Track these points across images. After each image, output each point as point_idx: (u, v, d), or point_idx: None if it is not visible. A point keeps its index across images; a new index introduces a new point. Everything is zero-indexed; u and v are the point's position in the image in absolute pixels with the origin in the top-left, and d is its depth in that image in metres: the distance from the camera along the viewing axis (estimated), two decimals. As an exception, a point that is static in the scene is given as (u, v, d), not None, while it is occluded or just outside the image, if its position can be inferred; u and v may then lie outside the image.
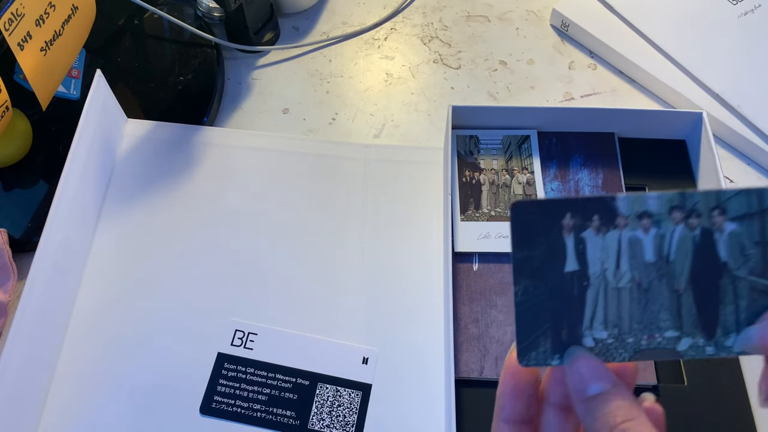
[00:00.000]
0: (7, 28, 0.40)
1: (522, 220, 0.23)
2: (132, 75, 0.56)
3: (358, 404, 0.42)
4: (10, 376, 0.38)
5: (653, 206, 0.23)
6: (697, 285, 0.24)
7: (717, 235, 0.23)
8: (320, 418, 0.42)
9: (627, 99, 0.56)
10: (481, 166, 0.49)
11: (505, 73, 0.58)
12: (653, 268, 0.24)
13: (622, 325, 0.24)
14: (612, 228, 0.23)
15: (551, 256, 0.23)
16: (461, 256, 0.45)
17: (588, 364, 0.24)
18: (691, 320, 0.24)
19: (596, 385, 0.23)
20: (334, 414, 0.42)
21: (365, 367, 0.43)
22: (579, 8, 0.58)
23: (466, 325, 0.43)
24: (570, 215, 0.23)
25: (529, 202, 0.23)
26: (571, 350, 0.24)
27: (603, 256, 0.23)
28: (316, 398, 0.42)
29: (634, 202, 0.23)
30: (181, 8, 0.58)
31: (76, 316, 0.45)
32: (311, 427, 0.42)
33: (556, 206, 0.23)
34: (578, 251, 0.23)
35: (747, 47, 0.55)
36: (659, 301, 0.24)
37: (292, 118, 0.55)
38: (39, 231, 0.41)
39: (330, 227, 0.48)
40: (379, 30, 0.61)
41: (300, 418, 0.42)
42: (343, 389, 0.43)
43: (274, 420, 0.42)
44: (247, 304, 0.46)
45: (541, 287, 0.24)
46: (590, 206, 0.23)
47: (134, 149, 0.51)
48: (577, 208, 0.23)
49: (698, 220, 0.23)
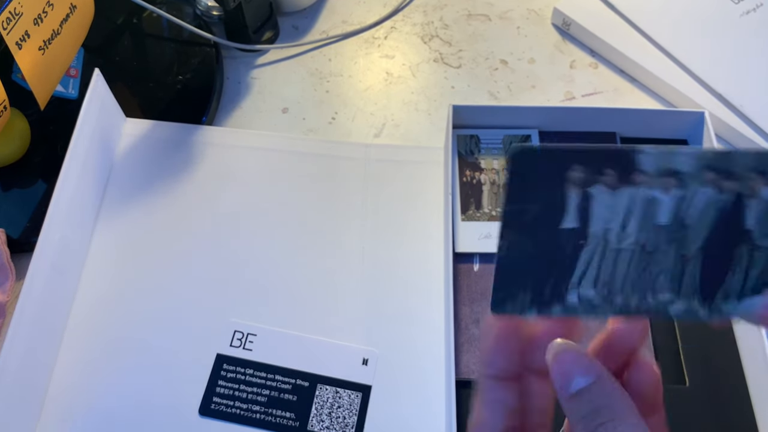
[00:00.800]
0: (5, 27, 0.40)
1: (522, 170, 0.20)
2: (130, 74, 0.55)
3: (357, 406, 0.42)
4: (9, 376, 0.38)
5: (684, 164, 0.20)
6: (709, 252, 0.21)
7: (748, 201, 0.21)
8: (320, 420, 0.42)
9: (628, 98, 0.56)
10: (482, 166, 0.49)
11: (506, 72, 0.57)
12: (664, 232, 0.21)
13: (614, 285, 0.22)
14: (627, 185, 0.20)
15: (548, 211, 0.21)
16: (462, 257, 0.45)
17: (570, 358, 0.23)
18: (691, 286, 0.22)
19: (579, 380, 0.22)
20: (334, 415, 0.42)
21: (365, 368, 0.43)
22: (580, 7, 0.58)
23: (466, 326, 0.43)
24: (579, 167, 0.20)
25: (534, 150, 0.20)
26: (553, 345, 0.23)
27: (609, 215, 0.21)
28: (315, 399, 0.42)
29: (662, 158, 0.20)
30: (179, 7, 0.58)
31: (74, 316, 0.45)
32: (311, 428, 0.41)
33: (566, 157, 0.20)
34: (581, 208, 0.21)
35: (749, 46, 0.55)
36: (661, 265, 0.22)
37: (292, 117, 0.55)
38: (37, 231, 0.41)
39: (330, 227, 0.48)
40: (379, 29, 0.60)
41: (299, 420, 0.42)
42: (343, 390, 0.42)
43: (273, 422, 0.42)
44: (246, 305, 0.45)
45: (530, 243, 0.21)
46: (607, 159, 0.20)
47: (133, 149, 0.51)
48: (590, 159, 0.20)
49: (733, 183, 0.20)
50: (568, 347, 0.23)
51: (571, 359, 0.23)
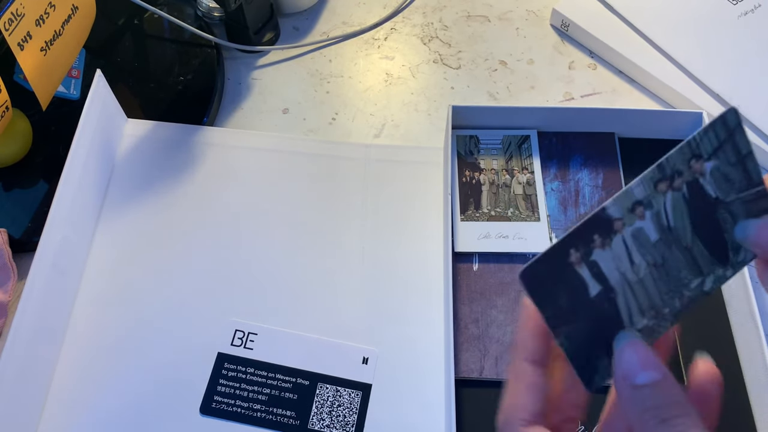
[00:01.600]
0: (7, 28, 0.40)
1: (535, 284, 0.24)
2: (132, 75, 0.56)
3: (358, 404, 0.42)
4: (10, 376, 0.38)
5: (639, 193, 0.24)
6: (701, 231, 0.25)
7: (701, 180, 0.25)
8: (320, 418, 0.42)
9: (627, 99, 0.56)
10: (481, 166, 0.49)
11: (505, 73, 0.58)
12: (661, 243, 0.25)
13: (655, 303, 0.25)
14: (613, 235, 0.24)
15: (574, 295, 0.24)
16: (461, 256, 0.45)
17: (638, 350, 0.24)
18: (707, 261, 0.26)
19: (645, 375, 0.23)
20: (335, 414, 0.42)
21: (365, 366, 0.43)
22: (579, 8, 0.58)
23: (466, 325, 0.43)
24: (573, 250, 0.24)
25: (534, 264, 0.23)
26: (620, 335, 0.25)
27: (617, 263, 0.24)
28: (315, 398, 0.42)
29: (621, 201, 0.24)
30: (181, 8, 0.58)
31: (76, 315, 0.45)
32: (311, 427, 0.42)
33: (558, 252, 0.24)
34: (594, 274, 0.24)
35: (747, 47, 0.55)
36: (677, 265, 0.25)
37: (292, 118, 0.55)
38: (39, 231, 0.41)
39: (330, 227, 0.48)
40: (379, 30, 0.61)
41: (300, 418, 0.42)
42: (344, 389, 0.42)
43: (274, 420, 0.42)
44: (247, 304, 0.46)
45: (579, 324, 0.25)
46: (587, 231, 0.24)
47: (134, 149, 0.51)
48: (575, 241, 0.24)
49: (681, 178, 0.24)
50: (639, 340, 0.24)
51: (641, 351, 0.24)
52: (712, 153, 0.25)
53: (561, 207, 0.47)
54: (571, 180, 0.48)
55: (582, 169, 0.49)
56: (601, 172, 0.48)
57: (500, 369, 0.41)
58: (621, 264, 0.25)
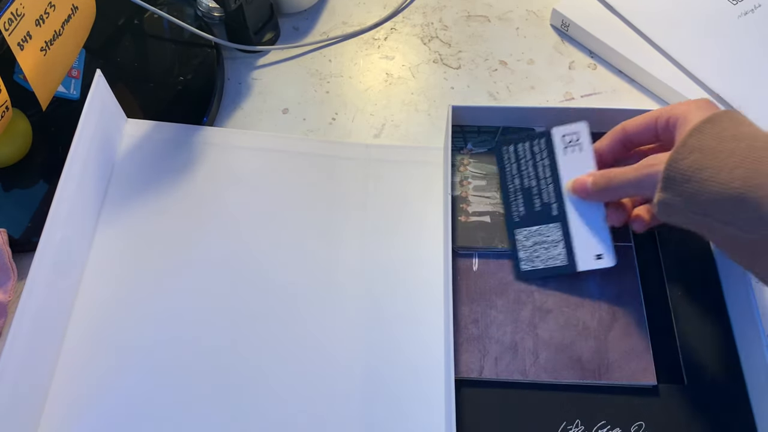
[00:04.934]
0: (7, 28, 0.40)
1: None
2: (132, 75, 0.56)
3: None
4: (10, 376, 0.38)
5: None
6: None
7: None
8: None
9: (627, 99, 0.56)
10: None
11: (505, 73, 0.58)
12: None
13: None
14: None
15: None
16: (461, 257, 0.45)
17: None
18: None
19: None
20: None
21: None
22: (579, 8, 0.58)
23: (465, 325, 0.43)
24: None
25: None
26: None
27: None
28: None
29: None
30: (181, 8, 0.58)
31: (75, 316, 0.45)
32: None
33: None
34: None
35: (747, 47, 0.55)
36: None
37: (292, 118, 0.55)
38: (39, 231, 0.41)
39: (330, 227, 0.48)
40: (379, 30, 0.61)
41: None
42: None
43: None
44: (246, 304, 0.46)
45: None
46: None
47: (134, 149, 0.51)
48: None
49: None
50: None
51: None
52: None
53: (561, 207, 0.47)
54: (571, 180, 0.48)
55: (582, 169, 0.49)
56: (601, 172, 0.48)
57: (500, 369, 0.41)
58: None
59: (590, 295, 0.44)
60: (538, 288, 0.44)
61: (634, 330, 0.42)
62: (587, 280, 0.44)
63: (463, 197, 0.47)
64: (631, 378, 0.41)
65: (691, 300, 0.44)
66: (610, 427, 0.40)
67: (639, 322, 0.43)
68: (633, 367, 0.41)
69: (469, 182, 0.48)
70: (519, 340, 0.42)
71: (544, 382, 0.41)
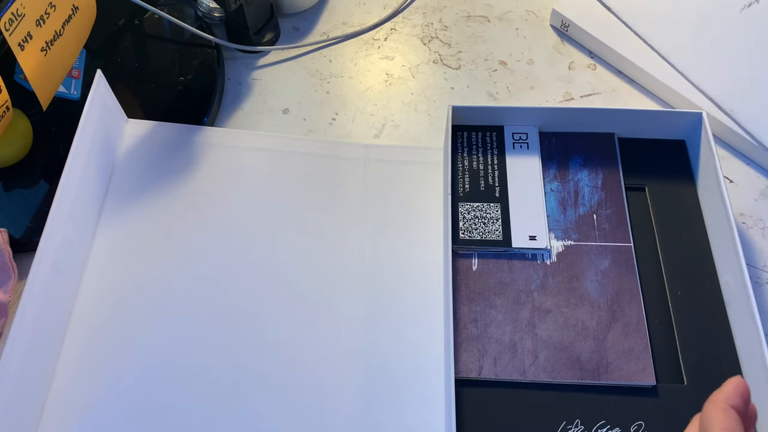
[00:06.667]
0: (7, 28, 0.40)
1: None
2: (132, 75, 0.56)
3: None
4: (10, 376, 0.38)
5: None
6: None
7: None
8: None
9: (627, 99, 0.56)
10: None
11: (505, 73, 0.58)
12: None
13: None
14: None
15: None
16: (461, 257, 0.45)
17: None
18: None
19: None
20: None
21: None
22: (579, 9, 0.59)
23: (465, 325, 0.43)
24: None
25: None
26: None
27: None
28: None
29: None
30: (181, 8, 0.58)
31: (76, 316, 0.45)
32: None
33: None
34: None
35: (745, 51, 0.55)
36: None
37: (292, 118, 0.55)
38: (39, 231, 0.41)
39: (330, 227, 0.48)
40: (379, 30, 0.61)
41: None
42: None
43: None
44: (246, 304, 0.46)
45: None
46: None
47: (134, 149, 0.52)
48: None
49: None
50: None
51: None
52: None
53: (560, 207, 0.47)
54: (571, 180, 0.48)
55: (581, 170, 0.49)
56: (600, 173, 0.48)
57: (499, 369, 0.41)
58: None
59: (589, 295, 0.44)
60: (538, 288, 0.44)
61: (634, 330, 0.42)
62: (587, 280, 0.44)
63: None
64: (631, 378, 0.41)
65: (690, 300, 0.44)
66: (610, 427, 0.40)
67: (638, 322, 0.43)
68: (632, 367, 0.41)
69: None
70: (518, 339, 0.42)
71: (544, 382, 0.41)
